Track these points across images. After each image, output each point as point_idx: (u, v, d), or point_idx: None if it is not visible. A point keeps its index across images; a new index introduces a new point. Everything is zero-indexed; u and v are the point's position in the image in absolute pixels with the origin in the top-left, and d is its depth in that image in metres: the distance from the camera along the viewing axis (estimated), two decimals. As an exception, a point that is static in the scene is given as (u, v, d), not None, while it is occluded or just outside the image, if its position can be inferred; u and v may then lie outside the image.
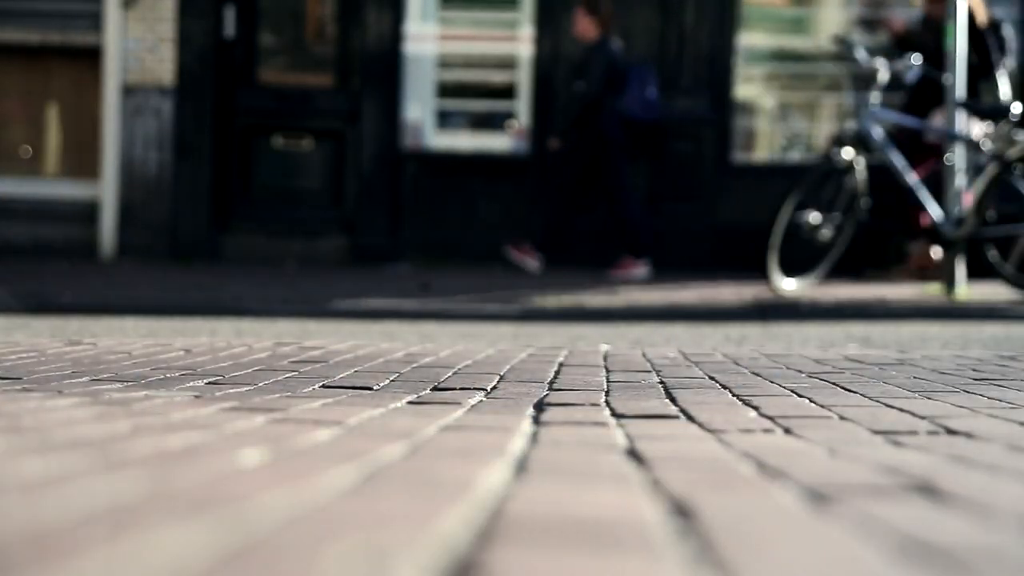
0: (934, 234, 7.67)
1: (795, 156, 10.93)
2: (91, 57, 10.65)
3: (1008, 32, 8.80)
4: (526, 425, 1.60)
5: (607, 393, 2.10)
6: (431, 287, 7.72)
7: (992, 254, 7.17)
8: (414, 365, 2.66)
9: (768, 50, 11.16)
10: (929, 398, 2.08)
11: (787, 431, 1.60)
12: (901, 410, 1.87)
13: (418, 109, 10.99)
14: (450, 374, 2.44)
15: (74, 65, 10.77)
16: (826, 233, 7.70)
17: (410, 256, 10.33)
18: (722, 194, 10.59)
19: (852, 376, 2.54)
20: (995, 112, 7.51)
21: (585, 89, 9.31)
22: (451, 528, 0.90)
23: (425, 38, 10.99)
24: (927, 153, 8.33)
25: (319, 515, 0.94)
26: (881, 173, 7.96)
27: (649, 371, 2.58)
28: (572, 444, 1.44)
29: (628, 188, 9.53)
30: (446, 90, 11.09)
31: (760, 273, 7.79)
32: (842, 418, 1.76)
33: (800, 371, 2.64)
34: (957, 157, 7.58)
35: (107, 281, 8.29)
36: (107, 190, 10.84)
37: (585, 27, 9.46)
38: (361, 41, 10.77)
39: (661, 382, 2.33)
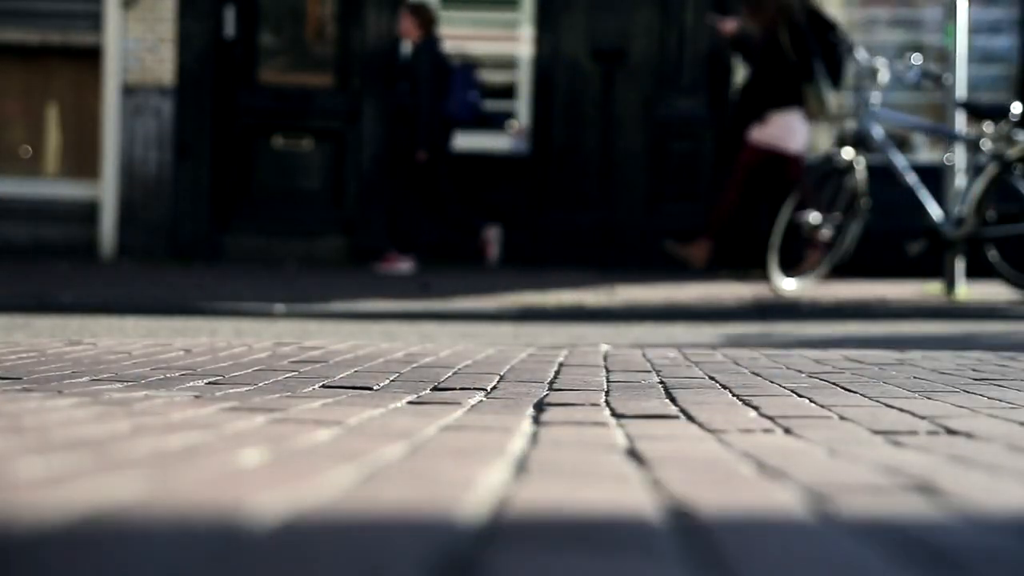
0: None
1: (795, 156, 10.93)
2: (91, 57, 10.64)
3: (841, 37, 8.94)
4: (526, 425, 1.60)
5: (607, 393, 2.10)
6: (431, 287, 7.72)
7: (992, 254, 7.17)
8: (414, 365, 2.66)
9: (768, 50, 11.12)
10: (929, 398, 2.08)
11: (787, 431, 1.60)
12: (901, 410, 1.87)
13: (418, 109, 10.98)
14: (450, 374, 2.44)
15: (74, 65, 10.77)
16: (826, 233, 7.71)
17: (410, 256, 10.31)
18: (722, 194, 10.59)
19: (852, 376, 2.54)
20: (995, 112, 7.52)
21: (414, 93, 9.46)
22: (451, 528, 0.90)
23: (425, 38, 10.98)
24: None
25: (319, 515, 0.94)
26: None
27: (649, 371, 2.58)
28: (572, 444, 1.44)
29: (450, 187, 9.71)
30: (446, 90, 11.09)
31: (760, 273, 7.79)
32: (842, 418, 1.76)
33: (800, 371, 2.64)
34: (957, 157, 7.59)
35: (107, 281, 8.30)
36: (107, 190, 10.84)
37: (408, 28, 9.55)
38: (361, 41, 10.77)
39: (661, 382, 2.33)
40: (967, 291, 7.17)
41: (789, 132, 8.63)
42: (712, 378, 2.43)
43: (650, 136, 10.63)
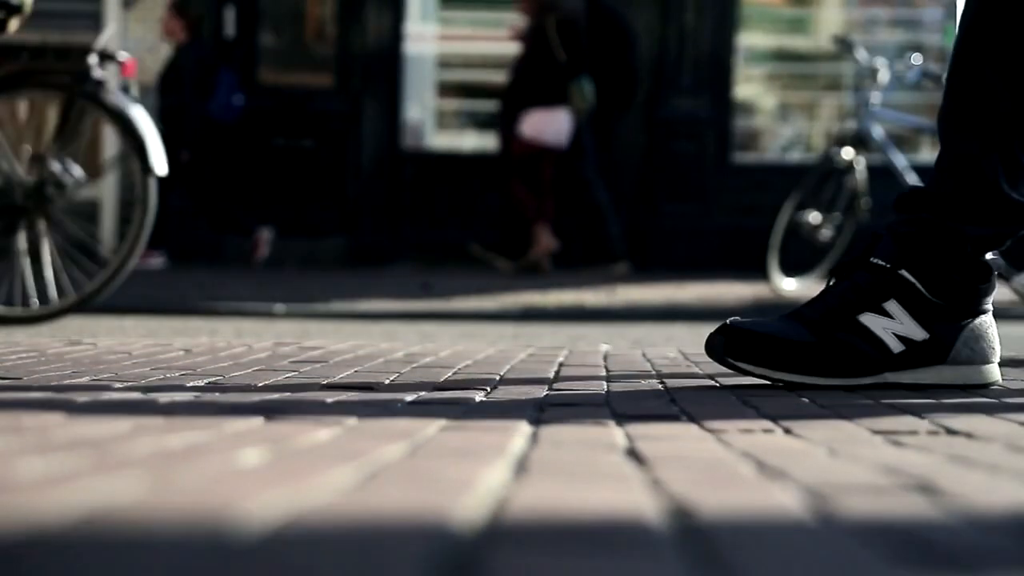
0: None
1: (795, 156, 10.93)
2: (91, 57, 10.64)
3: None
4: (526, 425, 1.60)
5: (607, 393, 2.10)
6: (431, 287, 7.72)
7: (992, 254, 7.17)
8: (414, 365, 2.66)
9: (768, 50, 11.14)
10: (929, 398, 2.08)
11: (787, 431, 1.60)
12: (901, 410, 1.87)
13: (418, 109, 10.98)
14: (450, 374, 2.44)
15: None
16: (826, 233, 7.71)
17: (410, 256, 10.31)
18: (722, 194, 10.59)
19: (852, 376, 2.53)
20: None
21: (179, 94, 9.56)
22: (451, 528, 0.90)
23: (425, 38, 10.98)
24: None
25: (319, 515, 0.94)
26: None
27: (649, 371, 2.58)
28: (572, 444, 1.44)
29: (216, 186, 9.85)
30: (446, 90, 11.09)
31: (760, 273, 7.79)
32: (842, 418, 1.76)
33: (800, 371, 2.64)
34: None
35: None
36: (107, 190, 10.84)
37: (172, 29, 9.63)
38: (361, 41, 10.77)
39: (661, 382, 2.33)
40: (967, 291, 7.17)
41: (549, 127, 8.92)
42: (712, 378, 2.43)
43: (650, 136, 10.62)
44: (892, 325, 2.23)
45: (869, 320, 2.23)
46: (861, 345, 2.22)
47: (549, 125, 8.86)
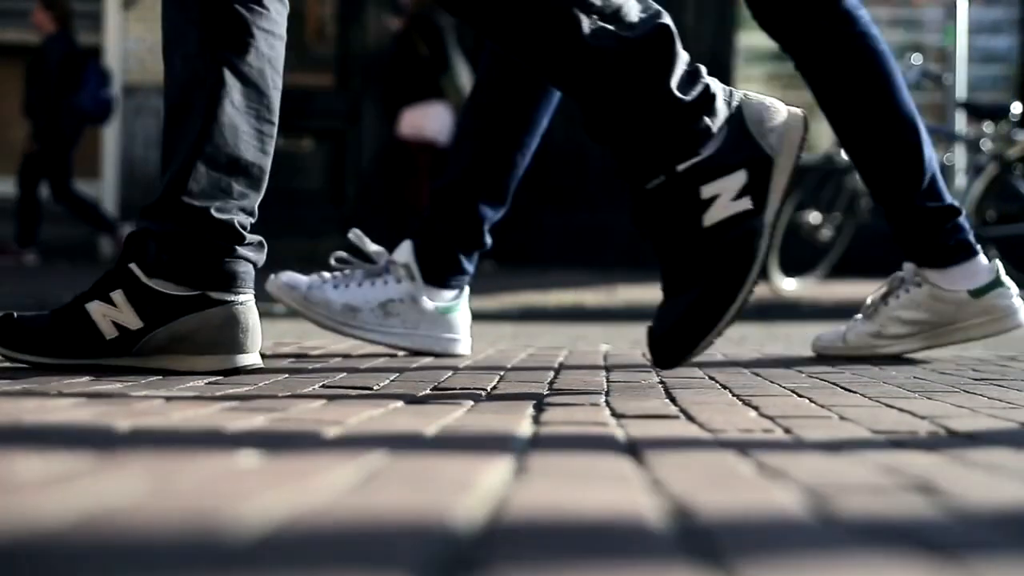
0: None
1: (795, 156, 10.95)
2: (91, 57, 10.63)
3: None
4: (526, 425, 1.60)
5: (607, 393, 2.10)
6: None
7: (992, 254, 7.18)
8: (414, 365, 2.66)
9: (768, 50, 11.13)
10: (929, 398, 2.08)
11: (787, 431, 1.60)
12: (901, 410, 1.87)
13: (418, 109, 10.94)
14: (450, 374, 2.44)
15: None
16: (826, 233, 7.71)
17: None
18: (722, 194, 10.62)
19: (852, 376, 2.54)
20: (995, 112, 7.52)
21: (42, 85, 9.64)
22: (451, 528, 0.90)
23: (425, 38, 10.97)
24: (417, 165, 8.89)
25: (319, 515, 0.94)
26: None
27: (649, 371, 2.58)
28: (572, 444, 1.44)
29: (71, 178, 9.96)
30: (446, 90, 11.05)
31: (760, 273, 7.79)
32: (842, 418, 1.76)
33: (800, 371, 2.64)
34: (957, 157, 7.59)
35: (107, 281, 8.28)
36: (107, 190, 10.84)
37: (41, 20, 9.72)
38: (361, 41, 10.77)
39: (661, 382, 2.33)
40: (967, 291, 7.17)
41: (426, 122, 8.96)
42: (712, 378, 2.43)
43: (650, 136, 10.63)
44: (112, 312, 2.38)
45: (93, 307, 2.40)
46: (85, 327, 2.37)
47: (425, 120, 8.92)
